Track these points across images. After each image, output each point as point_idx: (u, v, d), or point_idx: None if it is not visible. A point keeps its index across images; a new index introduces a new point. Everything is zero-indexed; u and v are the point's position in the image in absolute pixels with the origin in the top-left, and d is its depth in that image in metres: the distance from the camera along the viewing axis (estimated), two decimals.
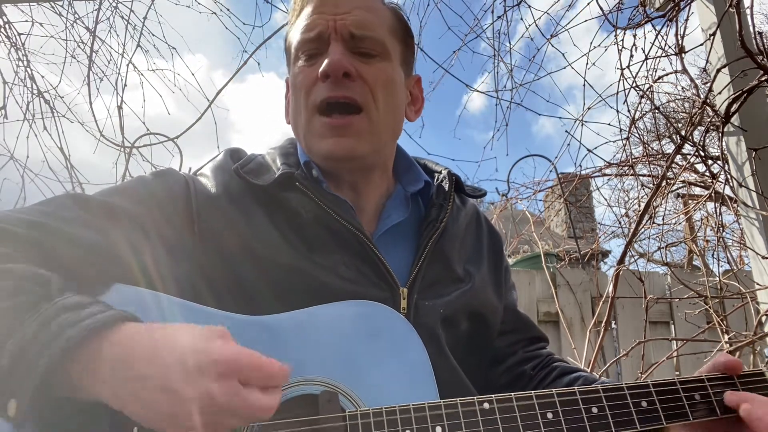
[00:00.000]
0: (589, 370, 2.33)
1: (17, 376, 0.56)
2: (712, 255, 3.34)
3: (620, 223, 4.51)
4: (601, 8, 2.34)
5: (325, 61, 0.87)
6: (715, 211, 2.47)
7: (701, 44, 2.02)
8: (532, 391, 0.72)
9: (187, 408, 0.56)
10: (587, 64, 2.54)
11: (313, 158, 0.93)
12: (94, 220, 0.76)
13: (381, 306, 0.78)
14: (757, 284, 1.89)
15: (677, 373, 2.73)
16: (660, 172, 2.68)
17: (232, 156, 0.95)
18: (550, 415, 0.71)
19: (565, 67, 2.64)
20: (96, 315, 0.60)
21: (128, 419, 0.60)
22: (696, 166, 3.25)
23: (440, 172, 1.03)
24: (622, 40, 2.34)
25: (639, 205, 3.64)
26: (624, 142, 2.80)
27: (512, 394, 0.71)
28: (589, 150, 2.83)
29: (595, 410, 0.72)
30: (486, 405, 0.70)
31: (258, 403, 0.59)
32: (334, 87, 0.87)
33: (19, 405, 0.55)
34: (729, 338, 2.21)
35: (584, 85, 2.56)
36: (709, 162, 2.24)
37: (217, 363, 0.58)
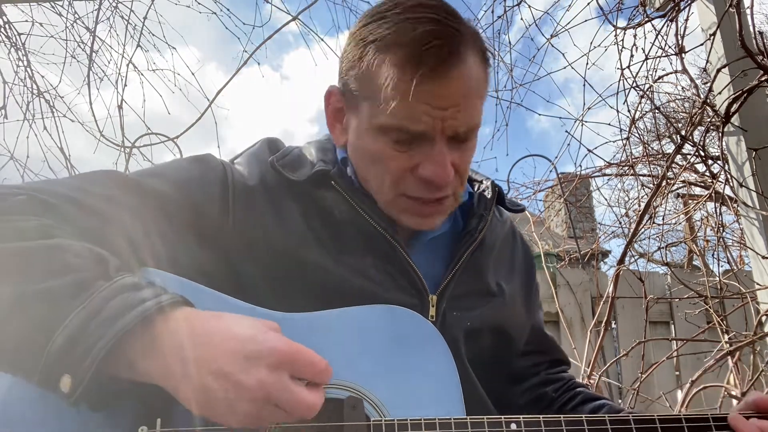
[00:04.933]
0: (589, 371, 2.34)
1: (75, 354, 0.56)
2: (712, 255, 3.34)
3: (620, 223, 4.51)
4: (601, 8, 2.35)
5: (431, 169, 0.79)
6: (715, 211, 2.47)
7: (701, 44, 2.02)
8: (561, 416, 0.70)
9: (239, 394, 0.57)
10: (587, 63, 2.54)
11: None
12: (126, 199, 0.77)
13: (410, 312, 0.76)
14: (757, 284, 1.89)
15: (677, 373, 2.74)
16: (660, 172, 2.68)
17: (270, 147, 0.94)
18: None
19: (565, 67, 2.64)
20: (155, 297, 0.60)
21: (153, 411, 0.61)
22: (696, 166, 3.25)
23: (482, 182, 1.01)
24: (622, 39, 2.34)
25: (639, 205, 3.64)
26: (624, 142, 2.80)
27: (540, 416, 0.70)
28: (589, 150, 2.82)
29: None
30: (513, 426, 0.68)
31: (305, 400, 0.59)
32: (433, 191, 0.82)
33: (74, 382, 0.56)
34: (729, 338, 2.21)
35: (584, 85, 2.56)
36: (709, 162, 2.24)
37: (271, 353, 0.59)
